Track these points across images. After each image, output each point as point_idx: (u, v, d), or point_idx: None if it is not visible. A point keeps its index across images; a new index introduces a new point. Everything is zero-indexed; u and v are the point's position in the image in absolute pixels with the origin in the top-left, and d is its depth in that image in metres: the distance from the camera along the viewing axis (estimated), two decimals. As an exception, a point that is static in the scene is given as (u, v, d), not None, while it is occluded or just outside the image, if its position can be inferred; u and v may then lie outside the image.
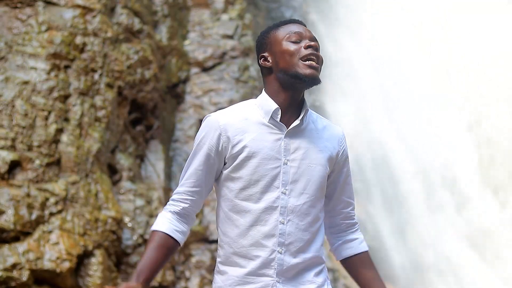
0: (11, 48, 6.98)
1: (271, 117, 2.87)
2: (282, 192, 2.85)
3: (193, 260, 7.41)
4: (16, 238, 6.15)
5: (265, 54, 2.93)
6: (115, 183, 7.20)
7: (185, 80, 8.67)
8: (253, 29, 9.24)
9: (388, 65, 10.86)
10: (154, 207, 7.20)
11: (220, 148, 2.87)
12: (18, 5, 7.25)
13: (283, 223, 2.84)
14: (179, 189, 2.95)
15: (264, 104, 2.90)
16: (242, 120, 2.88)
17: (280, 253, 2.84)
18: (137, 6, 8.07)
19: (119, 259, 6.82)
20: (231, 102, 8.45)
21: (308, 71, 2.83)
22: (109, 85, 7.36)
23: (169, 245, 2.89)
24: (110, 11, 7.78)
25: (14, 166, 6.46)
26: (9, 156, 6.42)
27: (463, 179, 10.36)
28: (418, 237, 9.68)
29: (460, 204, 10.17)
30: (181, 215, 2.94)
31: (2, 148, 6.45)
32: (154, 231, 2.90)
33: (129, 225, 6.95)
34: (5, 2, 7.24)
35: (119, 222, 6.77)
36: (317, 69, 2.85)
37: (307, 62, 2.84)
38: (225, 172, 2.89)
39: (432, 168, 10.28)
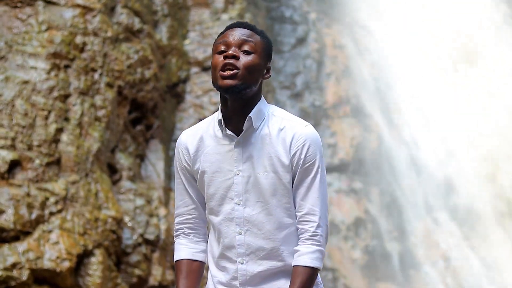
0: (11, 47, 6.98)
1: (223, 127, 2.88)
2: (236, 203, 2.85)
3: (193, 259, 7.40)
4: (16, 238, 6.15)
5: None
6: (115, 182, 7.20)
7: (185, 80, 8.67)
8: (253, 29, 9.23)
9: (388, 66, 10.86)
10: (154, 206, 7.20)
11: (187, 164, 2.94)
12: (18, 5, 7.25)
13: (240, 234, 2.86)
14: (176, 212, 3.02)
15: (215, 117, 2.93)
16: (200, 135, 2.93)
17: (242, 263, 2.86)
18: (137, 5, 8.06)
19: (119, 259, 6.82)
20: (231, 102, 8.46)
21: (221, 82, 2.82)
22: (109, 85, 7.36)
23: (196, 269, 3.02)
24: (110, 10, 7.78)
25: (14, 165, 6.45)
26: (9, 155, 6.42)
27: (463, 177, 10.37)
28: (418, 237, 9.68)
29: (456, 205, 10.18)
30: (192, 235, 3.01)
31: (2, 147, 6.45)
32: (177, 261, 3.01)
33: (129, 224, 6.95)
34: (5, 1, 7.23)
35: (119, 221, 6.76)
36: (232, 77, 2.81)
37: (221, 73, 2.82)
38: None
39: (432, 168, 10.28)
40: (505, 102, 10.95)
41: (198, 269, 3.02)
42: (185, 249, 3.00)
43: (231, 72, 2.81)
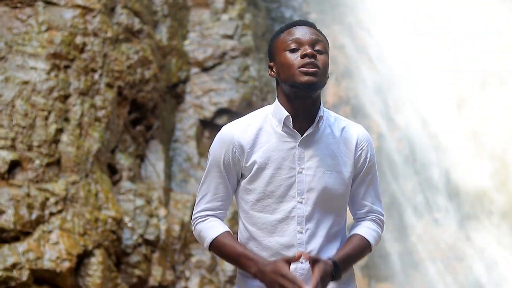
0: (11, 48, 6.98)
1: (284, 124, 2.85)
2: (298, 202, 2.83)
3: (193, 260, 7.41)
4: (16, 238, 6.15)
5: (271, 64, 2.93)
6: (115, 183, 7.21)
7: (185, 80, 8.67)
8: (253, 29, 9.24)
9: (389, 66, 10.86)
10: (154, 207, 7.20)
11: (235, 161, 2.86)
12: (18, 5, 7.25)
13: (301, 233, 2.83)
14: (205, 205, 2.92)
15: (277, 113, 2.88)
16: (256, 131, 2.87)
17: (302, 262, 2.82)
18: (137, 6, 8.07)
19: (119, 259, 6.82)
20: (231, 102, 8.45)
21: (303, 78, 2.81)
22: (109, 85, 7.36)
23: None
24: (110, 11, 7.78)
25: (14, 166, 6.46)
26: (9, 156, 6.42)
27: (462, 176, 10.37)
28: (418, 236, 9.68)
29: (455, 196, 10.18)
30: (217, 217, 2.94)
31: (2, 148, 6.45)
32: (218, 236, 2.85)
33: (129, 225, 6.95)
34: (5, 2, 7.24)
35: (119, 222, 6.77)
36: (315, 74, 2.82)
37: (302, 69, 2.81)
38: (242, 184, 2.89)
39: (432, 168, 10.28)
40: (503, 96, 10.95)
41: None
42: (221, 224, 2.89)
43: (313, 69, 2.81)
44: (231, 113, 8.33)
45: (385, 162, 9.98)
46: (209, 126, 8.40)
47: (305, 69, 2.81)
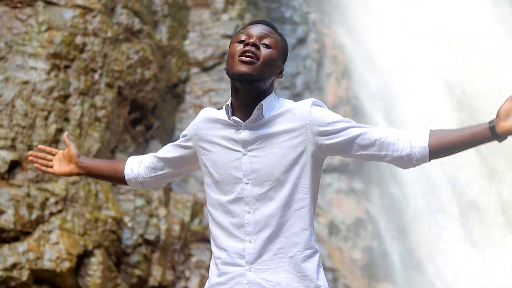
0: (11, 48, 6.98)
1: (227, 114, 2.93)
2: (245, 183, 2.88)
3: (193, 260, 7.41)
4: (16, 238, 6.16)
5: (227, 57, 2.98)
6: (115, 183, 7.21)
7: (185, 80, 8.67)
8: (253, 29, 9.23)
9: (388, 66, 10.86)
10: (154, 207, 7.20)
11: (195, 139, 3.02)
12: (18, 5, 7.25)
13: (249, 213, 2.88)
14: (155, 153, 3.27)
15: (227, 104, 2.96)
16: (213, 118, 2.97)
17: (250, 242, 2.87)
18: (137, 6, 8.07)
19: (119, 259, 6.82)
20: (231, 102, 8.46)
21: (240, 67, 2.82)
22: (109, 85, 7.36)
23: (116, 167, 3.34)
24: (110, 11, 7.78)
25: (14, 166, 6.46)
26: (9, 156, 6.42)
27: (464, 176, 10.37)
28: (418, 236, 9.68)
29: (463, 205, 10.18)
30: (148, 168, 3.26)
31: (2, 148, 6.45)
32: (123, 160, 3.33)
33: (129, 225, 6.95)
34: (5, 2, 7.24)
35: (119, 222, 6.77)
36: (250, 63, 2.82)
37: (240, 58, 2.83)
38: (201, 166, 3.01)
39: (432, 167, 10.28)
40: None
41: (117, 169, 3.31)
42: (135, 166, 3.28)
43: (250, 59, 2.82)
44: (231, 113, 8.32)
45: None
46: (209, 126, 8.39)
47: (242, 57, 2.83)
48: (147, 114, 7.87)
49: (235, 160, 2.89)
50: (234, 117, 2.90)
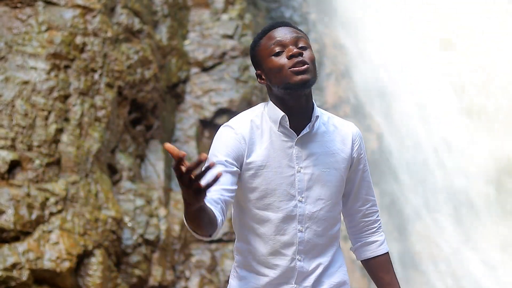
0: (11, 48, 6.98)
1: (281, 124, 2.86)
2: (298, 200, 2.86)
3: (193, 260, 7.41)
4: (16, 238, 6.16)
5: (259, 72, 2.91)
6: (115, 183, 7.21)
7: (185, 80, 8.67)
8: (253, 29, 9.24)
9: (389, 66, 10.86)
10: (154, 207, 7.20)
11: (240, 154, 2.83)
12: (18, 5, 7.25)
13: (301, 231, 2.86)
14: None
15: (272, 113, 2.88)
16: (255, 129, 2.87)
17: (300, 260, 2.87)
18: (137, 6, 8.07)
19: (119, 259, 6.82)
20: (231, 102, 8.45)
21: (297, 78, 2.79)
22: (109, 85, 7.36)
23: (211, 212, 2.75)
24: (110, 11, 7.78)
25: (14, 166, 6.46)
26: (9, 156, 6.42)
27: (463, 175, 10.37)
28: (418, 237, 9.68)
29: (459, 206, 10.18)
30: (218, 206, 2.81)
31: (2, 148, 6.45)
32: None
33: (129, 225, 6.95)
34: (5, 2, 7.24)
35: (119, 222, 6.77)
36: (306, 71, 2.80)
37: (293, 69, 2.80)
38: (242, 181, 2.86)
39: (432, 167, 10.28)
40: (508, 96, 10.96)
41: (213, 219, 2.71)
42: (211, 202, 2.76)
43: (304, 67, 2.80)
44: (231, 113, 8.33)
45: (385, 162, 9.98)
46: (209, 126, 8.40)
47: (296, 68, 2.80)
48: (147, 114, 7.87)
49: (290, 176, 2.85)
50: (290, 129, 2.85)
